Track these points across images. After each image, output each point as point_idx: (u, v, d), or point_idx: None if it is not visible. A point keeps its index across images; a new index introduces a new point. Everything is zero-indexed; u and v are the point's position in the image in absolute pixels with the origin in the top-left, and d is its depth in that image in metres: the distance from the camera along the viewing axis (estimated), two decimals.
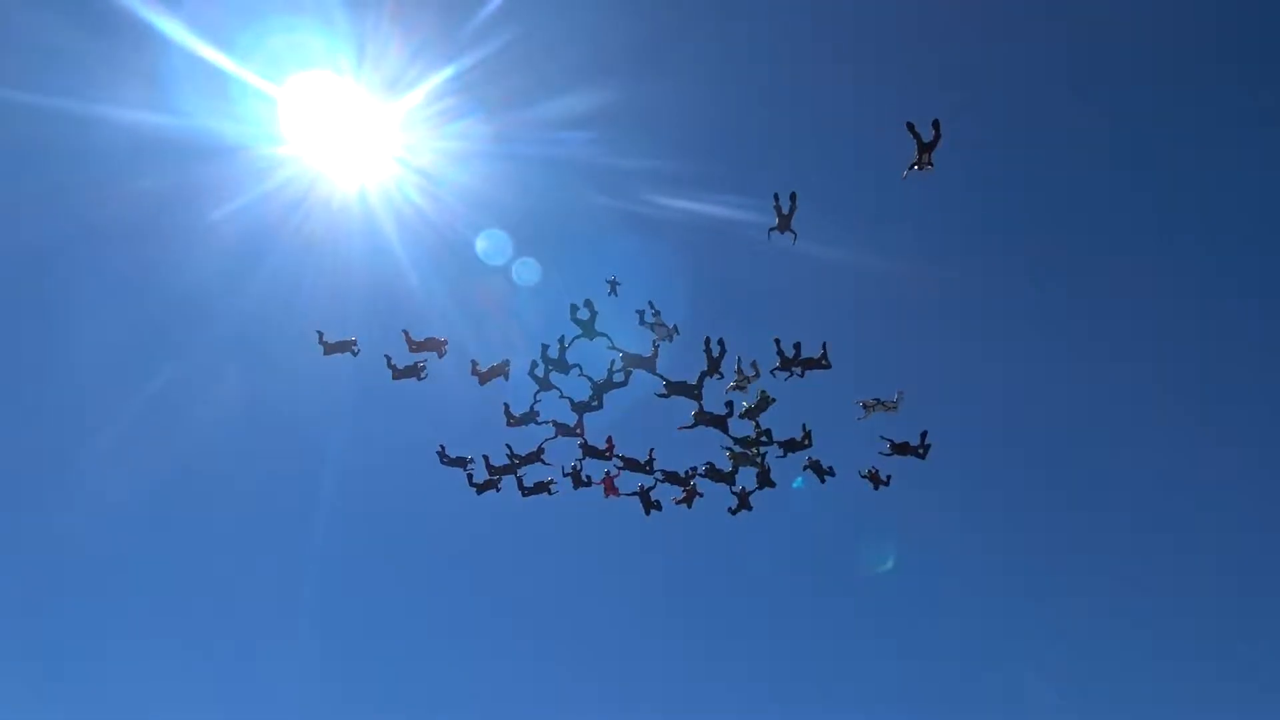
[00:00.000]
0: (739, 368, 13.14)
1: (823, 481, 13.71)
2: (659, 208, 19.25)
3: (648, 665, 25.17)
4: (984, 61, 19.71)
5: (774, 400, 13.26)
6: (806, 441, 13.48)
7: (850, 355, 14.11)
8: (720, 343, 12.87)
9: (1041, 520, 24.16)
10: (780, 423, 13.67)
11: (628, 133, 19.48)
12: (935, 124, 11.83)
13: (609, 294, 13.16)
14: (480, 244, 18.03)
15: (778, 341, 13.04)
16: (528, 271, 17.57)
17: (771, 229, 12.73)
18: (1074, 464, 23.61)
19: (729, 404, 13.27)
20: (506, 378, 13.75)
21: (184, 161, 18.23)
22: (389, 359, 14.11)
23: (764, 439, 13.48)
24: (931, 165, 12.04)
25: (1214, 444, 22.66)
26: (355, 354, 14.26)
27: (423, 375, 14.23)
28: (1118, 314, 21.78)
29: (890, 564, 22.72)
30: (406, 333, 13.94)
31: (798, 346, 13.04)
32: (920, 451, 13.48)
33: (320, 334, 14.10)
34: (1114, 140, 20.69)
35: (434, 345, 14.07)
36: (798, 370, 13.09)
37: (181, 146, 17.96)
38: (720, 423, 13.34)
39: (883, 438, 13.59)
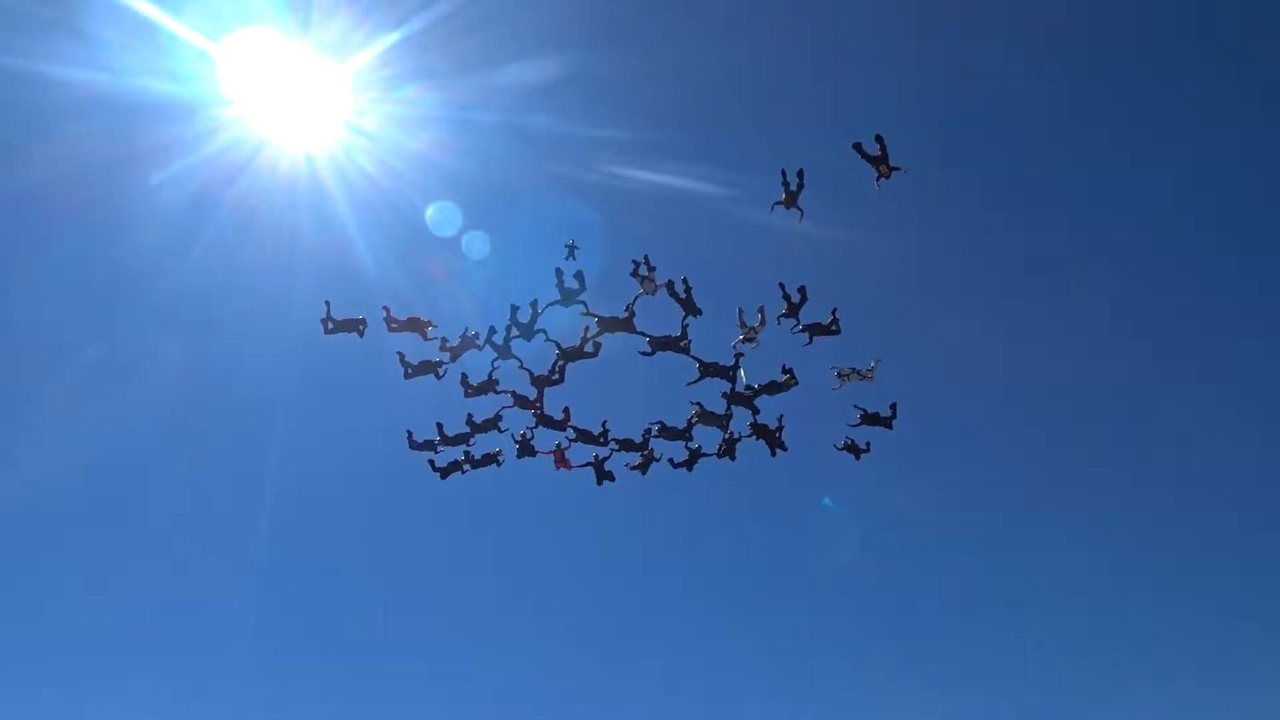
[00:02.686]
0: (742, 320, 12.58)
1: (773, 454, 13.25)
2: (618, 178, 18.84)
3: (612, 653, 25.08)
4: (955, 30, 19.54)
5: (795, 383, 12.80)
6: (791, 381, 12.84)
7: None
8: (685, 281, 12.35)
9: (1018, 495, 24.44)
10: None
11: (586, 100, 19.13)
12: (879, 138, 11.87)
13: (566, 258, 12.52)
14: (430, 214, 17.42)
15: (783, 285, 12.44)
16: (478, 244, 17.02)
17: (776, 204, 12.23)
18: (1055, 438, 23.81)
19: (738, 356, 12.76)
20: (480, 348, 12.86)
21: (116, 122, 17.25)
22: (402, 356, 12.94)
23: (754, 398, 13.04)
24: (898, 169, 11.93)
25: (1199, 420, 23.10)
26: (361, 334, 12.98)
27: (442, 374, 13.00)
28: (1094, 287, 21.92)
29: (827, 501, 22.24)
30: (388, 309, 12.75)
31: (803, 290, 12.43)
32: (889, 422, 13.22)
33: (328, 305, 12.83)
34: (1080, 109, 20.80)
35: (417, 326, 12.82)
36: (806, 335, 12.60)
37: (113, 106, 16.99)
38: (726, 373, 12.83)
39: (857, 407, 13.28)
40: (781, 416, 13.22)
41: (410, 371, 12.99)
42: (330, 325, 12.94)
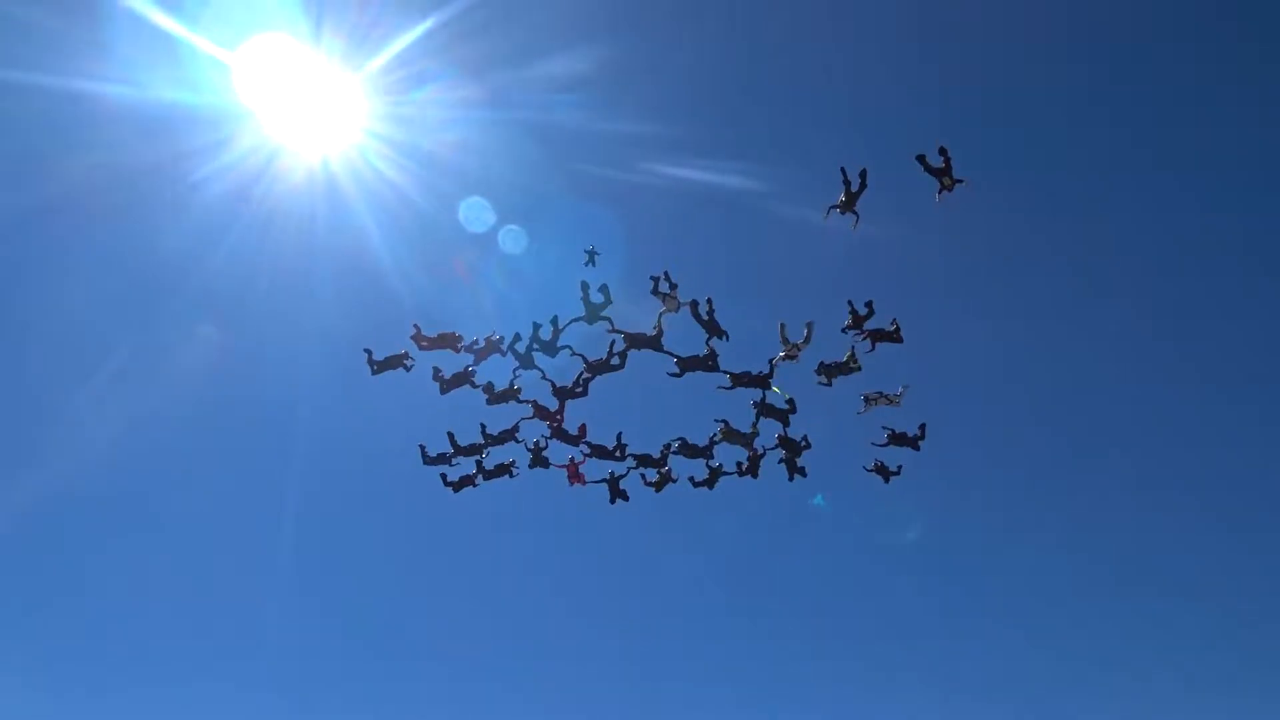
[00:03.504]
0: (784, 335, 12.24)
1: (791, 478, 13.05)
2: (640, 174, 18.81)
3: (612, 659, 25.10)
4: (997, 27, 19.09)
5: (858, 368, 12.47)
6: (853, 364, 12.51)
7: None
8: (709, 301, 11.95)
9: (1019, 496, 24.31)
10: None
11: (600, 99, 18.95)
12: (942, 150, 11.42)
13: (585, 264, 12.08)
14: (461, 212, 17.42)
15: (850, 303, 12.14)
16: (497, 244, 17.05)
17: (832, 207, 11.73)
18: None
19: (772, 363, 12.39)
20: (503, 354, 12.61)
21: (135, 133, 17.42)
22: (437, 370, 12.73)
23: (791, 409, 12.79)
24: (961, 181, 11.47)
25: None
26: (408, 369, 12.89)
27: (474, 382, 12.85)
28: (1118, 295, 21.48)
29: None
30: (418, 327, 12.55)
31: (870, 305, 12.12)
32: (916, 443, 13.00)
33: (369, 353, 12.77)
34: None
35: (449, 341, 12.59)
36: (868, 341, 12.28)
37: (132, 117, 17.14)
38: (762, 382, 12.51)
39: (885, 428, 13.07)
40: (806, 436, 12.96)
41: (445, 386, 12.83)
42: (375, 368, 12.86)
